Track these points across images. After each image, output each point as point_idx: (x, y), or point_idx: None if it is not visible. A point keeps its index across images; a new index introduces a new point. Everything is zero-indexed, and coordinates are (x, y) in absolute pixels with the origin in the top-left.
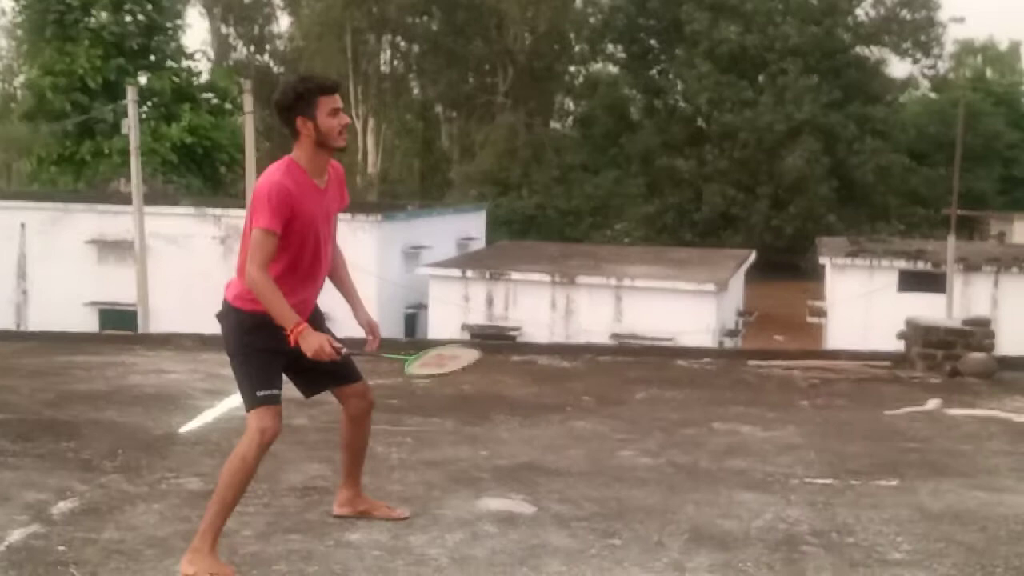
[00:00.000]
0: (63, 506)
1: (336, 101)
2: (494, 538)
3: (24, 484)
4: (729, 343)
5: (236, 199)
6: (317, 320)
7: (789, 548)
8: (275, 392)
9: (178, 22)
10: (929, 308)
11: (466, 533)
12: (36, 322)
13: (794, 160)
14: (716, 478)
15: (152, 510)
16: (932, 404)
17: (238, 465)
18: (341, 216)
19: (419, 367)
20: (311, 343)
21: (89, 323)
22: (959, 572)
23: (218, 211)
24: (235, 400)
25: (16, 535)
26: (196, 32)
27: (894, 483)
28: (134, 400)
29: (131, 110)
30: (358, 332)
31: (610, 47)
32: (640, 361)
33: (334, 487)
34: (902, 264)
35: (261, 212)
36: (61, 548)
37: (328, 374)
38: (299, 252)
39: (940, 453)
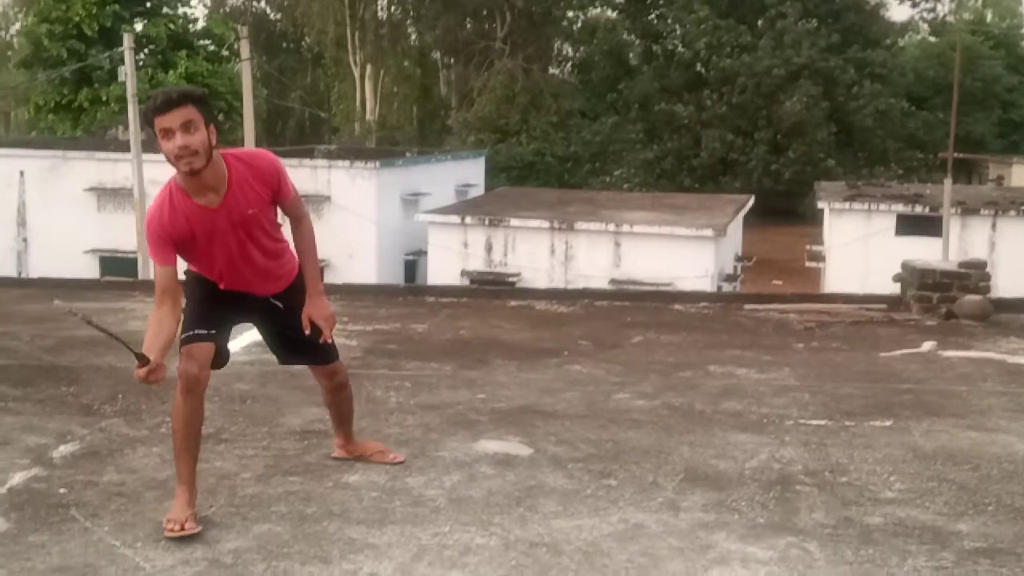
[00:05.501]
0: (64, 450)
1: (166, 121)
2: (491, 479)
3: (25, 428)
4: (727, 288)
5: (234, 146)
6: (290, 298)
7: (783, 487)
8: (195, 332)
9: None
10: (927, 252)
11: (463, 474)
12: (37, 269)
13: (793, 105)
14: (711, 420)
15: (152, 453)
16: (927, 346)
17: (173, 411)
18: (339, 164)
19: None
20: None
21: (90, 270)
22: (951, 510)
23: None
24: (234, 346)
25: (17, 478)
26: None
27: (888, 424)
28: (134, 345)
29: (127, 57)
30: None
31: None
32: (637, 306)
33: (332, 431)
34: (900, 208)
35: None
36: (62, 491)
37: (301, 354)
38: (208, 261)
39: (934, 394)
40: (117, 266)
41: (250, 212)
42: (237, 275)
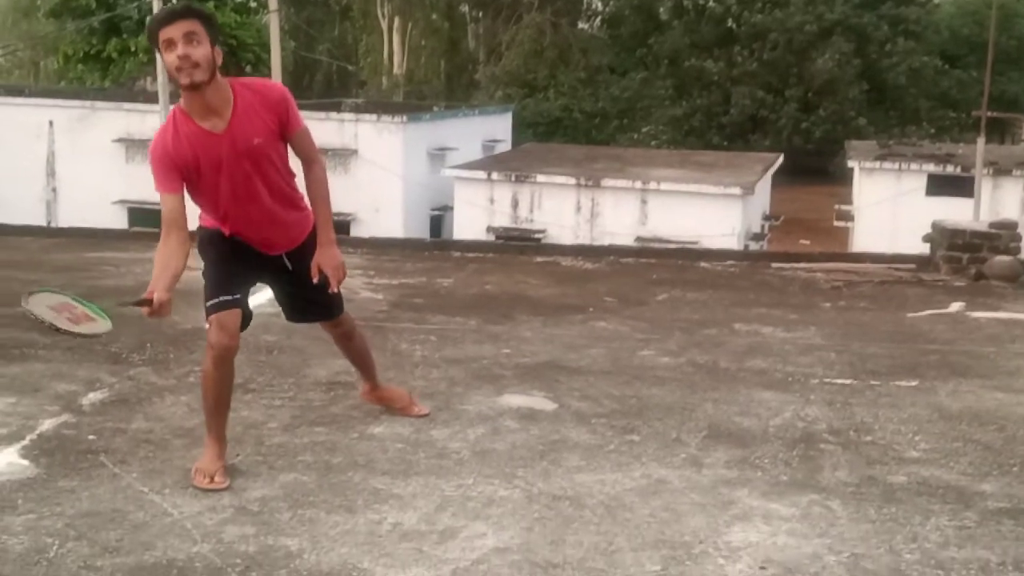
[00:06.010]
0: (93, 397)
1: (168, 32)
2: (515, 433)
3: (55, 376)
4: (755, 247)
5: None
6: (300, 259)
7: (807, 445)
8: (222, 299)
9: None
10: (957, 212)
11: (487, 428)
12: (66, 220)
13: (824, 62)
14: (736, 377)
15: (180, 402)
16: (955, 307)
17: (202, 377)
18: (366, 118)
19: (48, 308)
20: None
21: (119, 221)
22: (975, 470)
23: None
24: (261, 297)
25: (47, 424)
26: None
27: (914, 384)
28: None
29: (156, 8)
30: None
31: None
32: (663, 263)
33: (358, 382)
34: (931, 168)
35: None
36: (91, 437)
37: (309, 313)
38: (213, 196)
39: (961, 355)
40: (145, 217)
41: (256, 142)
42: (242, 214)
